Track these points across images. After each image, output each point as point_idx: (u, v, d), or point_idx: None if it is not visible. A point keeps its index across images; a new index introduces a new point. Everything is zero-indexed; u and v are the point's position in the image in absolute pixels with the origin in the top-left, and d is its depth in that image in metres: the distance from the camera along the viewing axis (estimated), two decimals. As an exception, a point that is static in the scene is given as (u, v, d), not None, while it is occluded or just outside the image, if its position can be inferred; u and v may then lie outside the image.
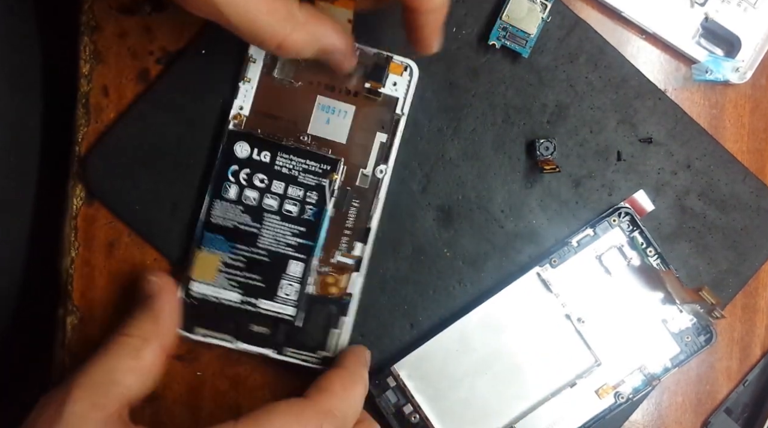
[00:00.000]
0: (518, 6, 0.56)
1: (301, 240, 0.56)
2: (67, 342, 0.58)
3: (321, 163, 0.56)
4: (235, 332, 0.57)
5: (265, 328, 0.56)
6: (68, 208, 0.59)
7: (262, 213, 0.56)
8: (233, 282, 0.56)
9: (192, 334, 0.56)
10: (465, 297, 0.58)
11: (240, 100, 0.56)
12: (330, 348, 0.57)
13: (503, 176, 0.58)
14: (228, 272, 0.56)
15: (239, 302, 0.56)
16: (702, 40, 0.59)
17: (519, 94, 0.58)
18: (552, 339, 0.56)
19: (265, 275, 0.56)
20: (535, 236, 0.58)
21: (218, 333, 0.57)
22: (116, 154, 0.58)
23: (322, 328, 0.57)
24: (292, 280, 0.56)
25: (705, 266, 0.58)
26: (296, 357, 0.57)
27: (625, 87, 0.58)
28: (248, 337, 0.56)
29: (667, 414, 0.60)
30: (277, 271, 0.56)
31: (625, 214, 0.57)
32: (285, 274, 0.56)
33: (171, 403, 0.59)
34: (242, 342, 0.56)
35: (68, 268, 0.59)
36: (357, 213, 0.57)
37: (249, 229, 0.56)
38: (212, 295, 0.56)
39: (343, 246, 0.57)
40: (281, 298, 0.56)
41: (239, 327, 0.56)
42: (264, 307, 0.56)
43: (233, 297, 0.56)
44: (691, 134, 0.58)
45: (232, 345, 0.56)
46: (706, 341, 0.57)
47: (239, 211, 0.56)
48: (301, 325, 0.56)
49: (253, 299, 0.56)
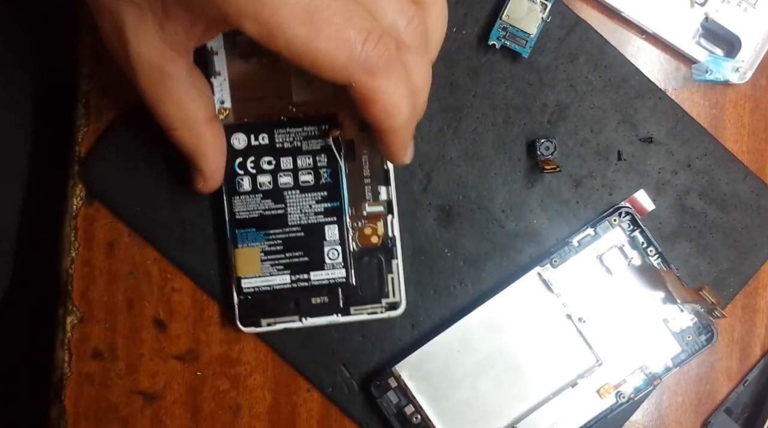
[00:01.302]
0: (518, 6, 0.56)
1: (327, 205, 0.56)
2: (67, 342, 0.58)
3: (319, 125, 0.56)
4: (297, 311, 0.56)
5: (324, 297, 0.56)
6: (68, 208, 0.59)
7: (282, 192, 0.56)
8: (279, 266, 0.56)
9: (258, 327, 0.56)
10: (466, 298, 0.58)
11: (218, 95, 0.55)
12: (391, 293, 0.56)
13: (504, 176, 0.58)
14: (271, 259, 0.56)
15: (291, 282, 0.56)
16: (702, 40, 0.59)
17: (519, 94, 0.58)
18: (553, 339, 0.56)
19: (306, 249, 0.56)
20: (535, 236, 0.58)
21: (282, 318, 0.56)
22: (116, 154, 0.58)
23: (377, 278, 0.57)
24: (333, 244, 0.56)
25: (706, 265, 0.58)
26: (363, 312, 0.57)
27: (625, 87, 0.58)
28: (311, 311, 0.56)
29: (667, 414, 0.60)
30: (315, 241, 0.56)
31: (626, 214, 0.57)
32: (325, 241, 0.56)
33: (171, 403, 0.59)
34: (308, 317, 0.56)
35: (68, 268, 0.58)
36: (369, 159, 0.56)
37: (275, 213, 0.56)
38: (264, 285, 0.56)
39: (369, 196, 0.56)
40: (329, 264, 0.56)
41: (299, 305, 0.56)
42: (316, 278, 0.56)
43: (284, 279, 0.56)
44: (691, 133, 0.58)
45: (300, 324, 0.56)
46: (707, 340, 0.56)
47: (259, 198, 0.56)
48: (355, 283, 0.56)
49: (304, 274, 0.56)
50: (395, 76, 0.44)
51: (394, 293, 0.56)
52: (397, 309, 0.56)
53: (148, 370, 0.59)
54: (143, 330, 0.59)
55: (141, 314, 0.59)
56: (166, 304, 0.59)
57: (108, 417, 0.59)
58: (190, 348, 0.59)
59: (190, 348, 0.59)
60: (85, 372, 0.59)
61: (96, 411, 0.59)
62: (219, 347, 0.59)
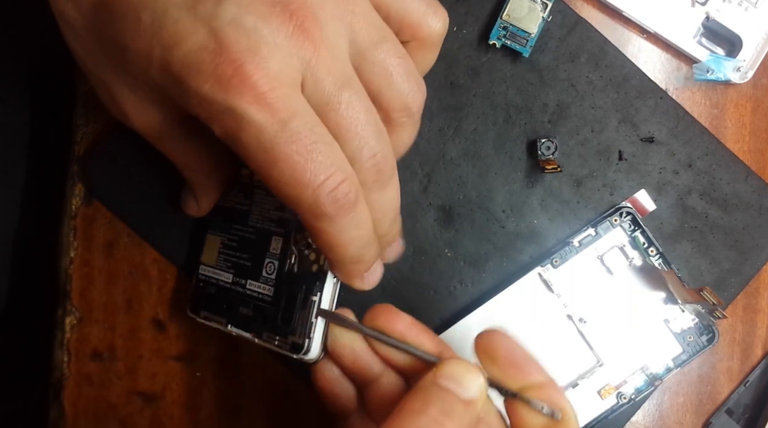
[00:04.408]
0: (519, 5, 0.56)
1: (281, 214, 0.53)
2: (66, 342, 0.58)
3: None
4: (227, 314, 0.54)
5: (249, 310, 0.53)
6: (67, 208, 0.58)
7: (253, 189, 0.55)
8: (228, 263, 0.55)
9: (197, 317, 0.55)
10: (466, 298, 0.58)
11: None
12: (296, 331, 0.50)
13: (504, 176, 0.58)
14: (225, 253, 0.55)
15: (231, 283, 0.54)
16: (703, 40, 0.59)
17: (520, 94, 0.58)
18: (554, 339, 0.56)
19: (252, 254, 0.54)
20: (536, 236, 0.58)
21: (215, 316, 0.55)
22: (116, 153, 0.58)
23: (290, 309, 0.51)
24: (274, 258, 0.53)
25: (707, 265, 0.58)
26: (270, 342, 0.51)
27: (626, 86, 0.58)
28: (237, 320, 0.53)
29: (668, 415, 0.60)
30: (261, 249, 0.53)
31: (627, 214, 0.57)
32: (268, 252, 0.53)
33: (170, 404, 0.59)
34: (233, 325, 0.53)
35: (67, 268, 0.58)
36: None
37: (242, 207, 0.55)
38: (212, 277, 0.55)
39: None
40: (264, 278, 0.53)
41: (230, 309, 0.54)
42: (250, 288, 0.53)
43: (227, 278, 0.54)
44: (692, 133, 0.58)
45: (224, 328, 0.54)
46: (709, 341, 0.56)
47: (237, 189, 0.55)
48: (274, 307, 0.52)
49: (243, 279, 0.54)
50: (346, 221, 0.43)
51: (302, 332, 0.49)
52: (300, 352, 0.49)
53: (148, 371, 0.59)
54: (142, 331, 0.59)
55: (140, 314, 0.59)
56: (165, 305, 0.59)
57: (107, 417, 0.59)
58: (189, 348, 0.59)
59: (190, 348, 0.59)
60: (84, 372, 0.59)
61: (95, 411, 0.59)
62: (218, 348, 0.59)
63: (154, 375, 0.59)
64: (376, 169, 0.43)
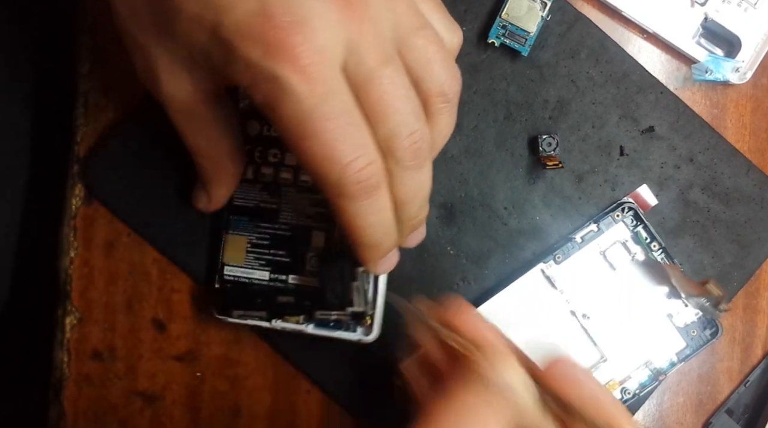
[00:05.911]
0: (518, 4, 0.56)
1: (320, 210, 0.55)
2: (66, 342, 0.58)
3: None
4: (267, 310, 0.55)
5: (290, 298, 0.55)
6: (67, 208, 0.58)
7: (280, 188, 0.56)
8: (262, 261, 0.56)
9: (229, 318, 0.56)
10: (469, 295, 0.58)
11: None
12: (355, 302, 0.54)
13: (506, 173, 0.58)
14: (255, 252, 0.56)
15: (269, 279, 0.56)
16: (702, 40, 0.59)
17: (520, 90, 0.58)
18: (557, 335, 0.56)
19: (290, 250, 0.55)
20: (538, 232, 0.58)
21: (252, 313, 0.55)
22: (116, 153, 0.58)
23: (341, 284, 0.54)
24: (316, 252, 0.55)
25: (709, 260, 0.58)
26: (325, 317, 0.54)
27: (626, 82, 0.58)
28: (278, 310, 0.55)
29: (668, 415, 0.59)
30: (301, 244, 0.55)
31: (629, 209, 0.57)
32: (309, 247, 0.55)
33: (170, 404, 0.58)
34: (274, 317, 0.55)
35: (67, 268, 0.58)
36: None
37: (269, 206, 0.56)
38: (243, 277, 0.56)
39: None
40: (308, 271, 0.55)
41: (270, 304, 0.55)
42: (293, 282, 0.55)
43: (263, 275, 0.56)
44: (693, 128, 0.58)
45: (267, 325, 0.55)
46: (712, 335, 0.56)
47: (258, 188, 0.56)
48: (322, 288, 0.54)
49: (282, 275, 0.55)
50: (367, 204, 0.44)
51: (360, 302, 0.54)
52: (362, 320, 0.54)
53: (148, 371, 0.58)
54: (142, 331, 0.58)
55: (140, 314, 0.58)
56: (165, 305, 0.58)
57: (107, 418, 0.58)
58: (189, 348, 0.58)
59: (190, 348, 0.58)
60: (84, 372, 0.58)
61: (95, 412, 0.58)
62: (218, 348, 0.58)
63: (154, 376, 0.58)
64: (414, 148, 0.44)
